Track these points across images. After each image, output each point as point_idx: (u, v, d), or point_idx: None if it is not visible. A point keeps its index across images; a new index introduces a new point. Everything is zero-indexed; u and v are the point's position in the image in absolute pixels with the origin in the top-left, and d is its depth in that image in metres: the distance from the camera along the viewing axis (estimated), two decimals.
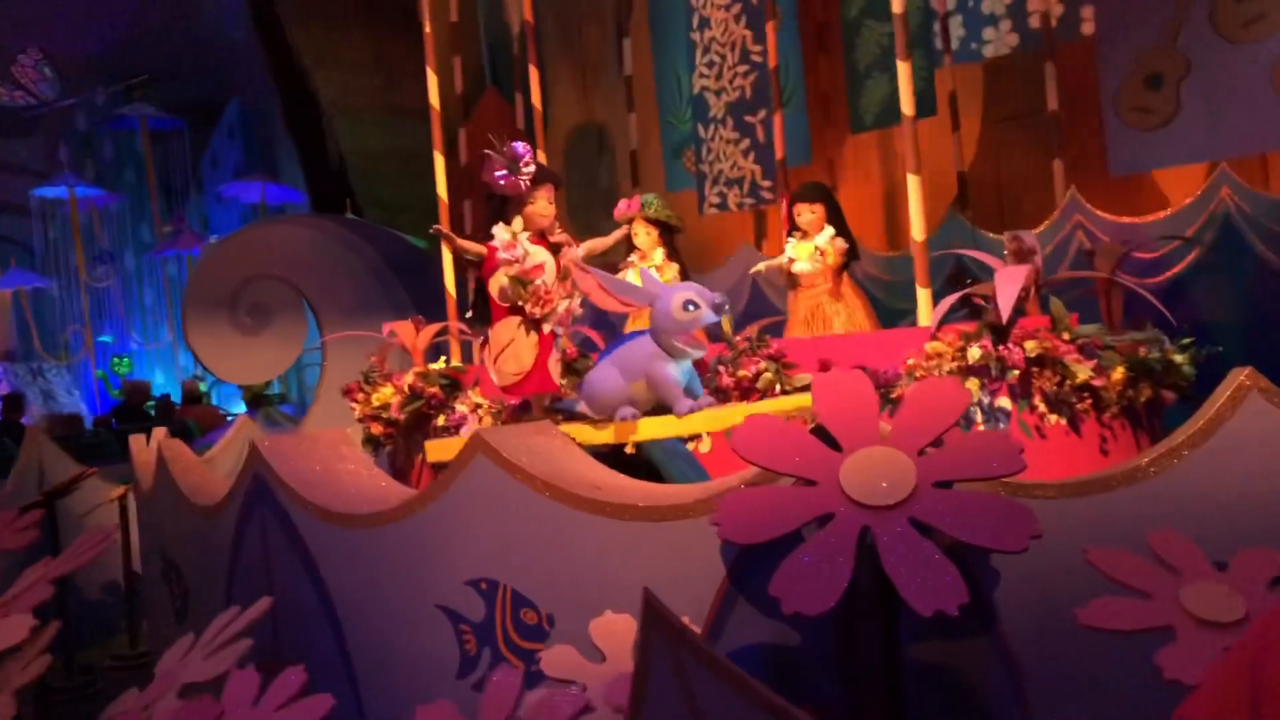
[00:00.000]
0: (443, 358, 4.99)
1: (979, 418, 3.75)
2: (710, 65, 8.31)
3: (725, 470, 3.86)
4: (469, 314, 3.68)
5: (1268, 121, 5.70)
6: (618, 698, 2.53)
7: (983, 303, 3.86)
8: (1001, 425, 3.77)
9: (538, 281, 3.45)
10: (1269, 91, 5.71)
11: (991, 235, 6.16)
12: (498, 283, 3.50)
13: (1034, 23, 7.20)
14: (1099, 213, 5.87)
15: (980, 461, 2.34)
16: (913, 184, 4.31)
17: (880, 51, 8.02)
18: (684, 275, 4.95)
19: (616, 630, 2.70)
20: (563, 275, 3.49)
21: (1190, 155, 6.02)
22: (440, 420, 4.68)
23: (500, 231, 3.56)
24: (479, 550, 3.01)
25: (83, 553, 3.56)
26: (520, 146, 3.52)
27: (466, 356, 5.84)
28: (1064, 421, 3.81)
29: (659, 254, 5.08)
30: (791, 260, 5.02)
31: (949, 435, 2.47)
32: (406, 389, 4.81)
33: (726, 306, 3.33)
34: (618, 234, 3.82)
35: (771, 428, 2.53)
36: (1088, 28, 7.04)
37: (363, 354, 9.05)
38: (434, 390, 4.73)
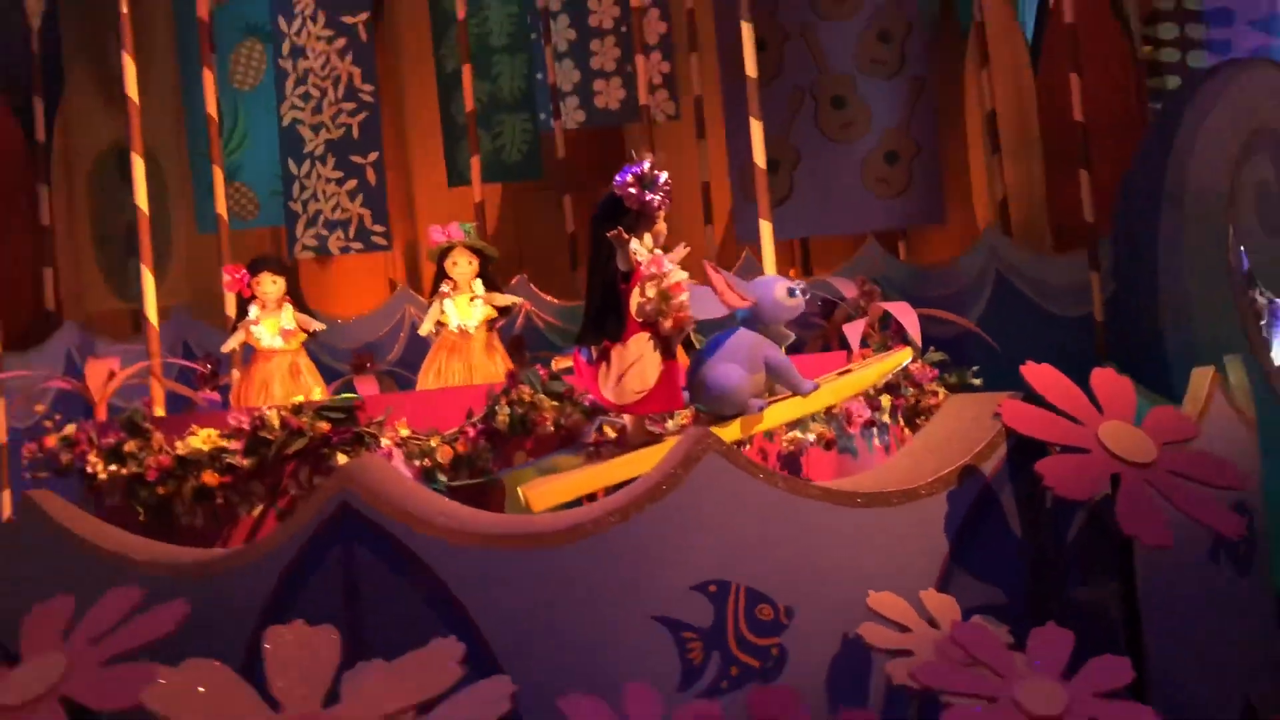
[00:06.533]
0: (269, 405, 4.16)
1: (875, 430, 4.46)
2: (305, 98, 7.91)
3: None
4: (592, 329, 3.44)
5: (859, 207, 7.29)
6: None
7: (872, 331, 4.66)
8: (882, 437, 4.52)
9: (682, 298, 3.40)
10: (859, 182, 7.32)
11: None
12: (638, 298, 3.38)
13: (599, 101, 8.21)
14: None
15: (1175, 429, 3.11)
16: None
17: (479, 109, 8.35)
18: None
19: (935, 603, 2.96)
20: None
21: (801, 230, 7.44)
22: (341, 458, 4.00)
23: (640, 248, 3.44)
24: (707, 553, 2.97)
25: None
26: (656, 166, 3.48)
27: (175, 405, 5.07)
28: (910, 432, 4.69)
29: (479, 285, 4.94)
30: None
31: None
32: (277, 425, 4.00)
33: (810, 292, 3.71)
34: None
35: (1032, 411, 3.04)
36: (659, 114, 8.25)
37: None
38: (322, 426, 4.04)
